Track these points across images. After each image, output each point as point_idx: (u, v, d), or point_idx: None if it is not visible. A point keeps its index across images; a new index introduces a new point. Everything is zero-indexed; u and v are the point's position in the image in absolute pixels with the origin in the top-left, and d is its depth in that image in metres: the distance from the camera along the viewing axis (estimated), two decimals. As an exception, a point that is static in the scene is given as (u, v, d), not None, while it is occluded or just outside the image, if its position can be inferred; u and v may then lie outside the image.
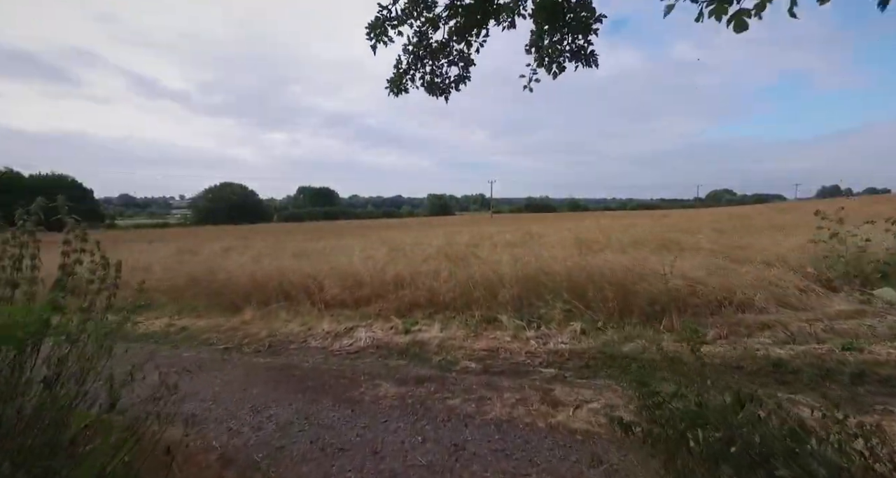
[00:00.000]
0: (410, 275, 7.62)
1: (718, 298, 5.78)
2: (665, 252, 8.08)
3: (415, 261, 8.60)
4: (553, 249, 8.94)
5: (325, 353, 5.17)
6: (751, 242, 8.26)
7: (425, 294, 7.05)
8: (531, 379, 4.01)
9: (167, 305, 7.38)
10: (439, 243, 10.86)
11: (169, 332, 6.10)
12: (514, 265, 7.27)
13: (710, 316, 5.52)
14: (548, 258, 7.46)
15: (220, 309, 7.40)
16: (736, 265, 6.89)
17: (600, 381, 3.87)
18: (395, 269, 7.82)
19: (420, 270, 7.74)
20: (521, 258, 7.96)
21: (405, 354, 4.93)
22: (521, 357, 4.64)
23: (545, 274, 6.77)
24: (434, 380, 4.02)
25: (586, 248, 8.92)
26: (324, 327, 5.89)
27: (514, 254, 8.83)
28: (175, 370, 4.45)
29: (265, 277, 7.92)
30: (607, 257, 7.22)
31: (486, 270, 7.21)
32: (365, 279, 7.54)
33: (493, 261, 8.60)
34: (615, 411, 3.10)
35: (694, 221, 16.76)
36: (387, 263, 8.29)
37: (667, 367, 4.19)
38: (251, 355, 5.10)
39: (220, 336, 5.84)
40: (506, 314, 6.15)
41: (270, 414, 3.41)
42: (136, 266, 9.49)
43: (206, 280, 8.09)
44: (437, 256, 9.45)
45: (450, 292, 6.93)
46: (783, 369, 3.64)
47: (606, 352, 4.46)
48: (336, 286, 7.46)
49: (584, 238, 9.73)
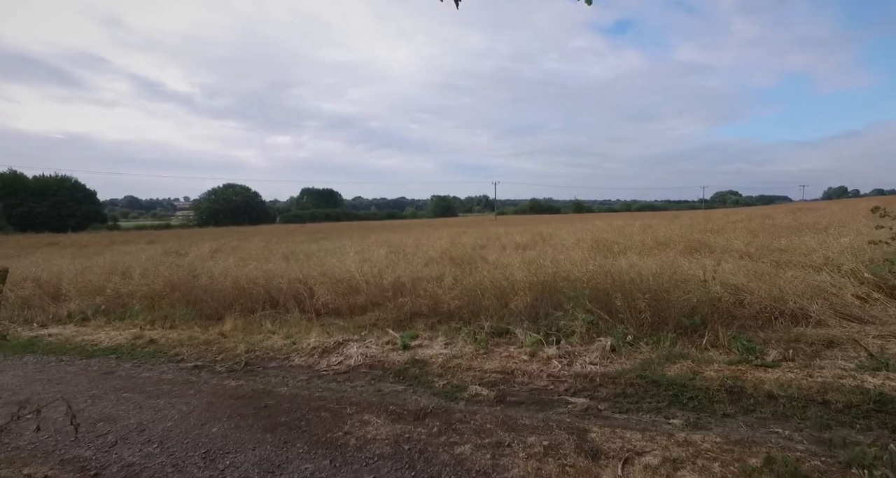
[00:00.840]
0: (411, 280, 6.85)
1: (767, 308, 4.98)
2: (695, 254, 7.29)
3: (416, 265, 7.84)
4: (569, 252, 8.15)
5: (309, 373, 4.40)
6: (789, 243, 7.45)
7: (427, 302, 6.28)
8: (558, 413, 3.22)
9: (141, 313, 6.63)
10: (443, 245, 10.09)
11: (135, 345, 5.35)
12: (527, 270, 6.49)
13: (760, 330, 4.72)
14: (565, 262, 6.67)
15: (199, 317, 6.65)
16: (778, 270, 6.08)
17: (646, 417, 3.08)
18: (394, 273, 7.05)
19: (421, 275, 6.97)
20: (535, 262, 7.18)
21: (403, 377, 4.15)
22: (541, 381, 3.86)
23: (563, 280, 5.99)
24: (437, 414, 3.25)
25: (605, 250, 8.14)
26: (310, 342, 5.11)
27: (525, 257, 8.05)
28: (117, 399, 3.69)
29: (250, 283, 7.17)
30: (632, 260, 6.43)
31: (496, 276, 6.44)
32: (360, 285, 6.78)
33: (502, 264, 7.83)
34: (681, 469, 2.32)
35: (712, 221, 15.92)
36: (385, 267, 7.53)
37: (728, 399, 3.42)
38: (222, 376, 4.33)
39: (191, 351, 5.08)
40: (519, 326, 5.37)
41: (227, 464, 2.64)
42: (115, 270, 8.76)
43: (186, 285, 7.34)
44: (440, 260, 8.68)
45: (455, 300, 6.16)
46: (891, 407, 2.84)
47: (646, 376, 3.67)
48: (328, 293, 6.70)
49: (601, 239, 8.94)
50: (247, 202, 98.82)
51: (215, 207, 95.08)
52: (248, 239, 21.25)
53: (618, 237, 9.24)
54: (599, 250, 8.18)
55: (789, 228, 10.48)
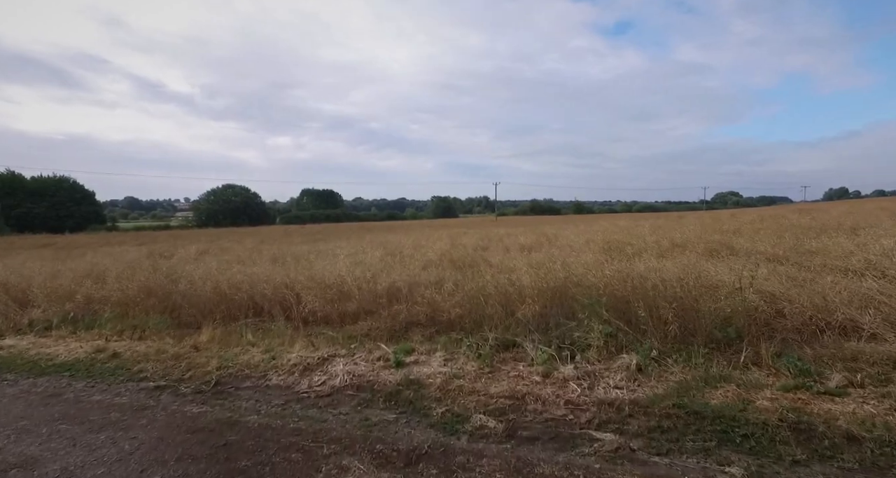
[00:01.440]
0: (408, 286, 6.25)
1: (811, 320, 4.37)
2: (717, 257, 6.68)
3: (413, 268, 7.23)
4: (579, 254, 7.55)
5: (286, 395, 3.80)
6: (821, 245, 6.84)
7: (425, 310, 5.68)
8: (582, 454, 2.62)
9: (110, 322, 6.04)
10: (442, 247, 9.49)
11: (95, 360, 4.75)
12: (534, 274, 5.89)
13: (806, 345, 4.11)
14: (576, 265, 6.07)
15: (175, 326, 6.05)
16: (816, 275, 5.48)
17: (692, 461, 2.48)
18: (389, 278, 6.45)
19: (419, 280, 6.37)
20: (543, 265, 6.58)
21: (394, 401, 3.55)
22: (558, 410, 3.26)
23: (576, 286, 5.39)
24: (434, 456, 2.64)
25: (618, 252, 7.54)
26: (292, 357, 4.51)
27: (532, 259, 7.46)
28: (50, 433, 3.08)
29: (233, 288, 6.57)
30: (651, 264, 5.83)
31: (501, 281, 5.84)
32: (352, 291, 6.18)
33: (507, 268, 7.23)
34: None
35: (722, 221, 15.31)
36: (380, 270, 6.92)
37: (794, 440, 2.81)
38: (185, 400, 3.73)
39: (157, 367, 4.48)
40: (528, 338, 4.78)
41: (161, 531, 2.04)
42: (91, 273, 8.17)
43: (163, 291, 6.74)
44: (439, 263, 8.08)
45: (456, 308, 5.56)
46: None
47: (685, 405, 3.06)
48: (317, 300, 6.10)
49: (613, 241, 8.34)
50: (246, 203, 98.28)
51: (214, 208, 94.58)
52: (243, 240, 20.68)
53: (629, 238, 8.64)
54: (611, 253, 7.58)
55: (810, 228, 9.87)
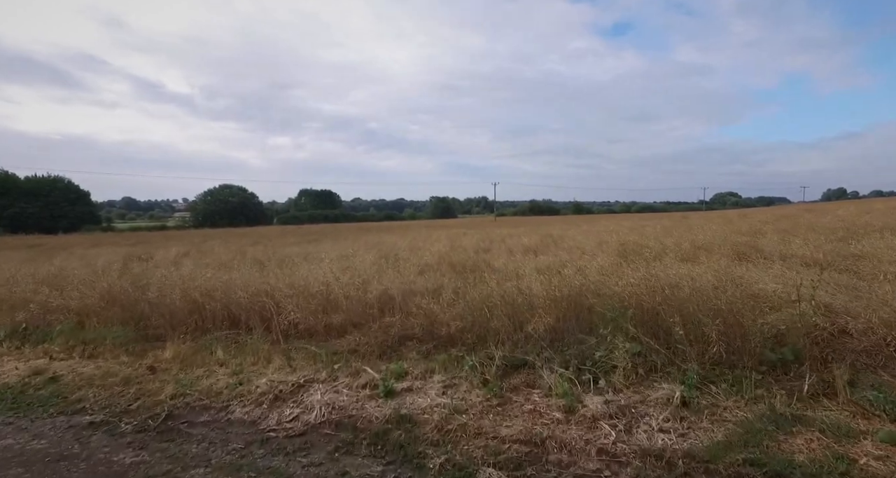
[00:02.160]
0: (402, 294, 5.53)
1: (884, 339, 3.66)
2: (747, 261, 5.97)
3: (409, 273, 6.51)
4: (591, 258, 6.84)
5: (249, 435, 3.07)
6: (867, 248, 6.12)
7: (421, 322, 4.96)
8: (632, 540, 1.91)
9: (63, 335, 5.30)
10: (441, 249, 8.77)
11: (28, 385, 4.01)
12: (546, 281, 5.18)
13: (882, 370, 3.40)
14: (593, 271, 5.36)
15: (138, 340, 5.32)
16: (867, 283, 4.78)
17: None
18: (382, 285, 5.73)
19: (414, 288, 5.65)
20: (553, 269, 5.88)
21: (381, 446, 2.83)
22: (589, 462, 2.53)
23: (595, 295, 4.67)
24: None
25: (635, 255, 6.82)
26: (262, 382, 3.78)
27: (539, 263, 6.75)
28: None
29: (206, 296, 5.84)
30: (676, 270, 5.12)
31: (508, 289, 5.12)
32: (338, 300, 5.45)
33: (513, 272, 6.52)
34: None
35: (733, 222, 14.60)
36: (372, 276, 6.20)
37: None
38: (121, 443, 3.00)
39: (100, 395, 3.75)
40: (541, 357, 4.07)
41: None
42: (56, 277, 7.43)
43: (128, 299, 6.01)
44: (437, 267, 7.36)
45: (456, 321, 4.84)
46: None
47: (761, 463, 2.34)
48: (299, 310, 5.37)
49: (627, 242, 7.62)
50: (243, 203, 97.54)
51: (211, 208, 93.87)
52: (233, 241, 19.96)
53: (643, 240, 7.93)
54: (627, 256, 6.86)
55: (836, 229, 9.17)
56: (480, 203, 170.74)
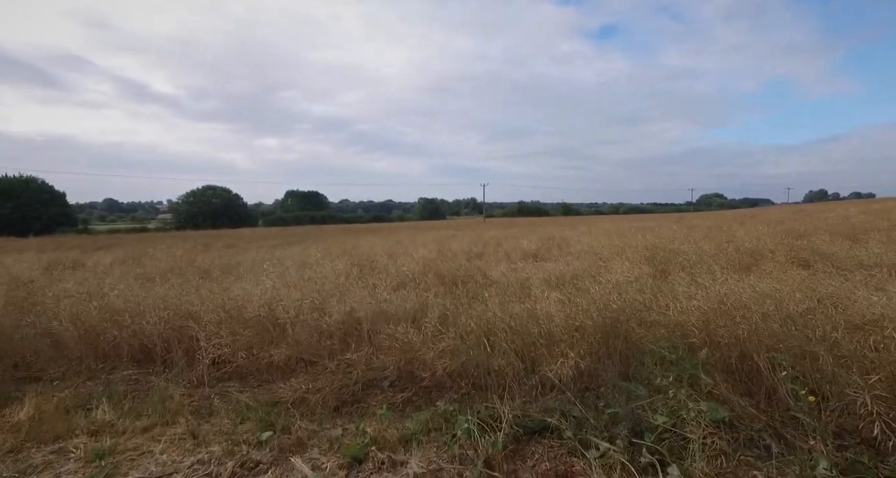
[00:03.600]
0: (372, 317, 4.12)
1: None
2: (812, 271, 4.67)
3: (384, 287, 5.11)
4: (610, 264, 5.51)
5: None
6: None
7: (396, 359, 3.57)
8: None
9: None
10: (427, 254, 7.36)
11: None
12: (565, 300, 3.83)
13: None
14: (627, 285, 4.01)
15: (12, 382, 3.86)
16: None
17: None
18: (347, 304, 4.31)
19: (389, 309, 4.23)
20: (569, 281, 4.53)
21: None
22: None
23: (642, 324, 3.33)
24: None
25: (666, 262, 5.50)
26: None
27: (548, 273, 5.40)
28: None
29: (111, 321, 4.38)
30: (737, 284, 3.79)
31: (516, 312, 3.74)
32: (284, 325, 4.03)
33: (515, 284, 5.17)
34: None
35: (743, 222, 13.45)
36: (335, 291, 4.77)
37: None
38: None
39: None
40: (567, 420, 2.72)
41: None
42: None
43: (3, 326, 4.52)
44: (421, 277, 5.97)
45: (444, 358, 3.45)
46: None
47: None
48: (230, 339, 3.94)
49: (653, 246, 6.27)
50: (227, 205, 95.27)
51: (194, 209, 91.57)
52: (202, 243, 18.42)
53: (669, 243, 6.61)
54: (657, 263, 5.54)
55: (875, 229, 7.97)
56: (469, 204, 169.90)
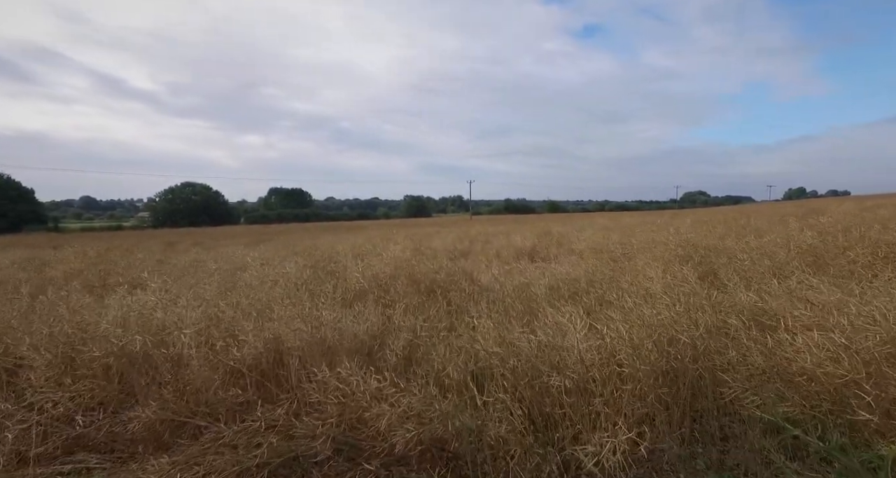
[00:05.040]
0: (305, 348, 2.75)
1: None
2: None
3: (333, 297, 3.73)
4: (641, 265, 4.21)
5: None
6: None
7: (332, 422, 2.22)
8: None
9: None
10: (399, 254, 5.97)
11: None
12: (589, 322, 2.51)
13: None
14: (690, 302, 2.70)
15: None
16: None
17: None
18: (271, 329, 2.92)
19: (330, 337, 2.86)
20: (589, 291, 3.22)
21: None
22: None
23: (728, 367, 2.03)
24: None
25: (702, 262, 4.23)
26: None
27: (554, 278, 4.09)
28: None
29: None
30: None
31: (521, 345, 2.40)
32: (161, 369, 2.63)
33: (513, 293, 3.85)
34: None
35: (750, 217, 12.31)
36: (261, 304, 3.38)
37: None
38: None
39: None
40: None
41: None
42: None
43: None
44: (391, 283, 4.59)
45: (408, 422, 2.11)
46: None
47: None
48: (77, 384, 2.54)
49: (688, 244, 4.96)
50: (207, 202, 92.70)
51: (172, 207, 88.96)
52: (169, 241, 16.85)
53: (702, 238, 5.32)
54: (693, 264, 4.26)
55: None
56: (455, 202, 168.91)
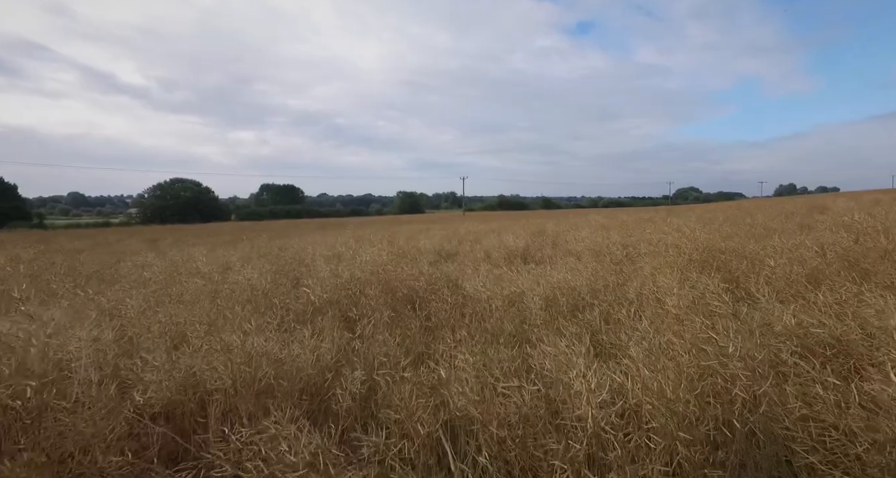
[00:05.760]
0: (235, 388, 2.11)
1: None
2: None
3: (298, 309, 3.09)
4: (648, 269, 3.60)
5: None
6: None
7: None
8: None
9: None
10: (377, 257, 5.31)
11: None
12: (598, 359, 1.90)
13: None
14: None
15: None
16: None
17: None
18: (188, 363, 2.28)
19: (260, 378, 2.22)
20: (598, 302, 2.61)
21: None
22: None
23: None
24: None
25: (721, 267, 3.63)
26: None
27: (552, 288, 3.48)
28: None
29: None
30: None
31: (508, 397, 1.78)
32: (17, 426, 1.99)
33: (503, 306, 3.23)
34: None
35: (756, 213, 11.80)
36: (193, 327, 2.74)
37: None
38: None
39: None
40: None
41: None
42: None
43: None
44: (361, 291, 3.94)
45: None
46: None
47: None
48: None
49: (706, 244, 4.34)
50: (197, 198, 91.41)
51: (160, 203, 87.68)
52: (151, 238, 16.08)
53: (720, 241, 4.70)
54: (712, 270, 3.66)
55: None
56: (449, 199, 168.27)
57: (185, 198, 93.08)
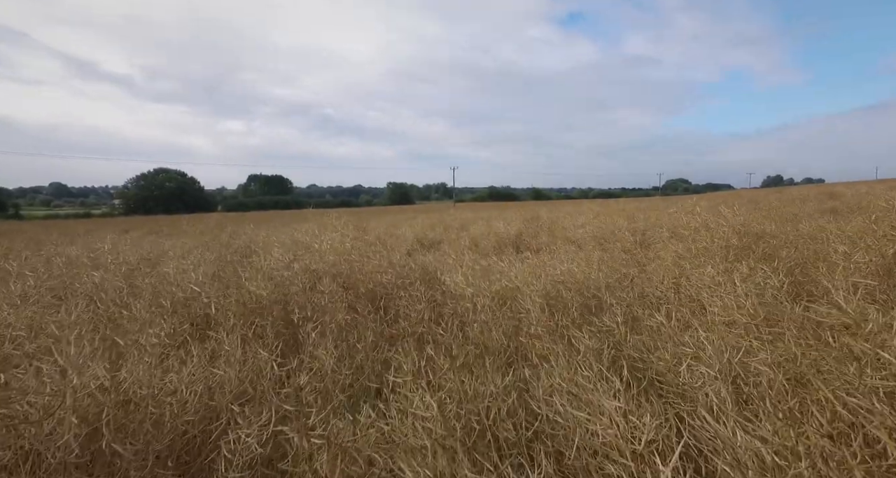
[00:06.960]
0: (63, 452, 1.30)
1: None
2: None
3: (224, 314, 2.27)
4: (670, 257, 2.82)
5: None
6: None
7: None
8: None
9: None
10: (338, 245, 4.47)
11: None
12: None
13: None
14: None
15: None
16: None
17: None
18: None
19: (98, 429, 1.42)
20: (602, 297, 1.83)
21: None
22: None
23: None
24: None
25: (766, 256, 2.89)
26: None
27: (552, 277, 2.68)
28: None
29: None
30: None
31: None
32: None
33: (492, 305, 2.42)
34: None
35: (762, 202, 11.12)
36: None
37: None
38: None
39: None
40: None
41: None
42: None
43: None
44: (313, 288, 3.12)
45: None
46: None
47: None
48: None
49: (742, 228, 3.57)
50: (182, 189, 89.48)
51: (144, 194, 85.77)
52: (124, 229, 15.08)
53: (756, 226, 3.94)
54: (754, 260, 2.91)
55: None
56: (439, 189, 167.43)
57: (170, 188, 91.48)
